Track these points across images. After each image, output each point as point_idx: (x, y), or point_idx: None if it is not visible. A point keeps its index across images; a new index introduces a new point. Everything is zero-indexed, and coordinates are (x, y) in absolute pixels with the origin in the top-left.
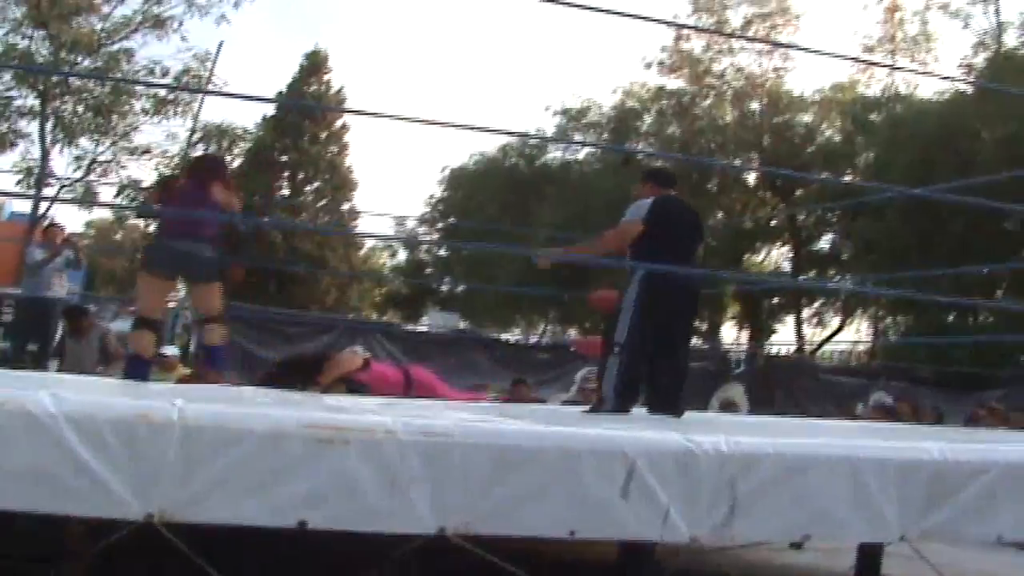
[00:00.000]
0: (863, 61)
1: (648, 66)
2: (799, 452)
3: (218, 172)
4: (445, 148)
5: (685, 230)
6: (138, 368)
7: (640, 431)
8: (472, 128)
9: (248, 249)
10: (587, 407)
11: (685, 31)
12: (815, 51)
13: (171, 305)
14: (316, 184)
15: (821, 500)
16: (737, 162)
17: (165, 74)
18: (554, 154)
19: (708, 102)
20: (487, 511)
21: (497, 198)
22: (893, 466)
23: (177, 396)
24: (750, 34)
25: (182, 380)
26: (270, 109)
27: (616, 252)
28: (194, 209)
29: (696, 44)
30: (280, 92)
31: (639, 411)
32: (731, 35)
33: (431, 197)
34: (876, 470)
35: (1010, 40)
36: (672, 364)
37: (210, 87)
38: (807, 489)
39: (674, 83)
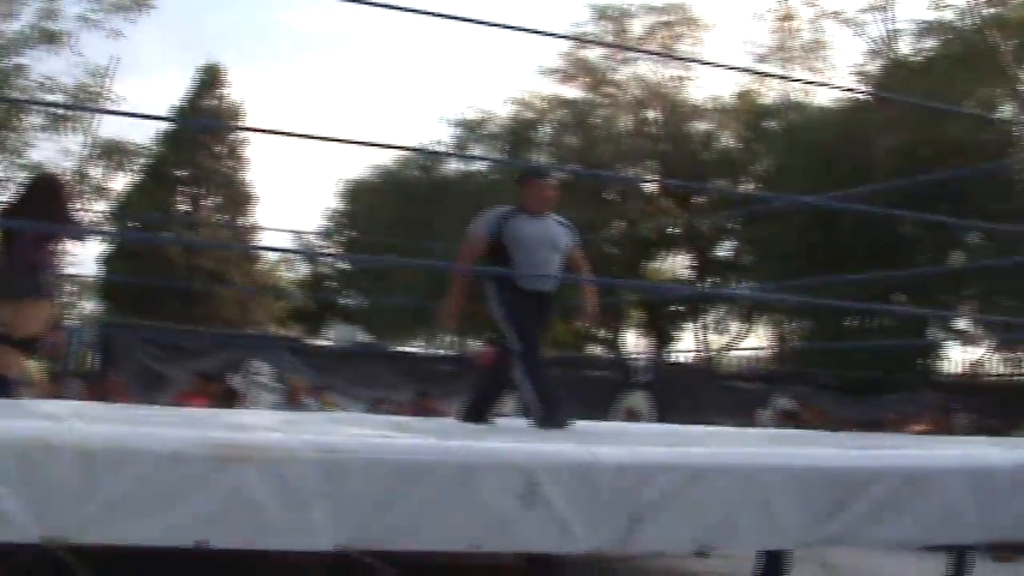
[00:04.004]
0: (760, 73)
1: (546, 74)
2: (699, 462)
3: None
4: (343, 160)
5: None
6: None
7: (540, 443)
8: (369, 144)
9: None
10: None
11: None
12: (713, 63)
13: None
14: (215, 199)
15: (722, 509)
16: (636, 172)
17: (61, 90)
18: (452, 165)
19: (606, 111)
20: (388, 526)
21: (396, 210)
22: (793, 473)
23: (74, 416)
24: (654, 43)
25: None
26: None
27: None
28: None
29: (594, 52)
30: (178, 107)
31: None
32: (632, 48)
33: (330, 210)
34: (776, 478)
35: (903, 47)
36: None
37: (106, 102)
38: (708, 498)
39: (571, 92)
